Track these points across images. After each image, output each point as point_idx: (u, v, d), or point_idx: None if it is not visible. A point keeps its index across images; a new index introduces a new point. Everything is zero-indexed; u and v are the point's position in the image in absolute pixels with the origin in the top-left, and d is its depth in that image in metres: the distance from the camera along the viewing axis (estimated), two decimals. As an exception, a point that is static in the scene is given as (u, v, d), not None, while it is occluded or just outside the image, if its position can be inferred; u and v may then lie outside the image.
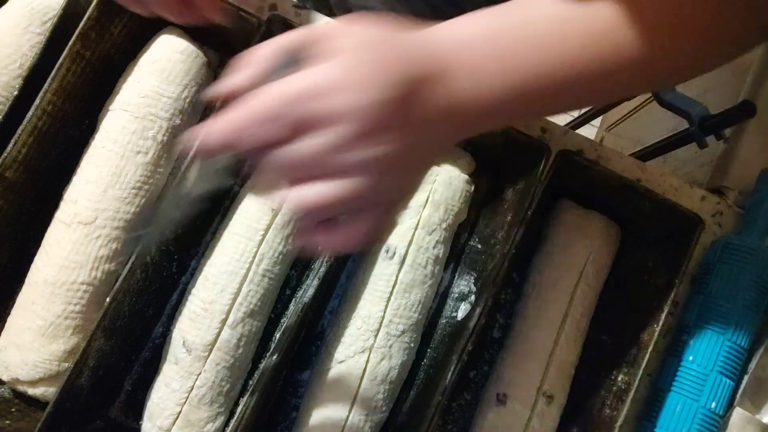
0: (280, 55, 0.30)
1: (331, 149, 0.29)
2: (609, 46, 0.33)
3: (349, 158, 0.29)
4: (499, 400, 0.50)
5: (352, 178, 0.30)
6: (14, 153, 0.48)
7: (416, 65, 0.31)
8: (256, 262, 0.49)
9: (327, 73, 0.29)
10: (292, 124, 0.29)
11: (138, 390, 0.52)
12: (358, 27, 0.31)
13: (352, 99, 0.28)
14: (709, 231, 0.58)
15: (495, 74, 0.32)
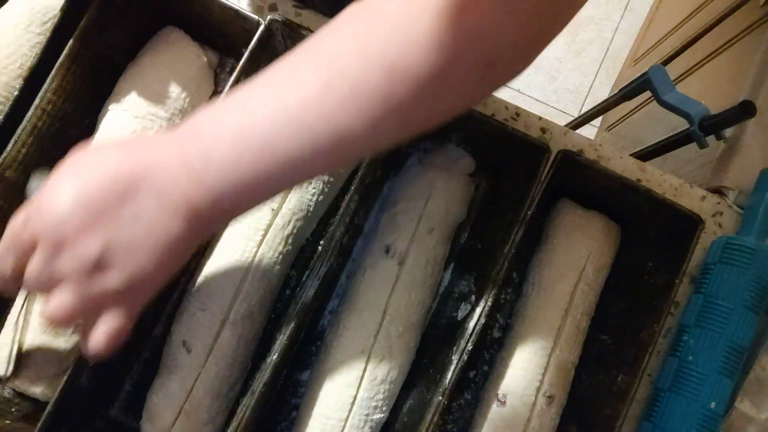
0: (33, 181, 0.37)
1: (34, 267, 0.33)
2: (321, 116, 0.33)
3: (59, 269, 0.33)
4: (499, 400, 0.50)
5: (64, 290, 0.33)
6: (14, 153, 0.48)
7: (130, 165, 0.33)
8: (256, 262, 0.49)
9: (39, 198, 0.33)
10: (23, 248, 0.34)
11: (138, 390, 0.52)
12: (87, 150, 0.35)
13: (46, 217, 0.32)
14: (709, 231, 0.58)
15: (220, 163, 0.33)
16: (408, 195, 0.53)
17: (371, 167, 0.48)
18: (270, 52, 0.52)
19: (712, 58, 1.02)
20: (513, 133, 0.50)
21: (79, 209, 0.32)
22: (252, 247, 0.49)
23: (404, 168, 0.56)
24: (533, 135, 0.54)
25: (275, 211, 0.50)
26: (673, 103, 0.72)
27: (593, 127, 1.54)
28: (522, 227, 0.48)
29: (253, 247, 0.49)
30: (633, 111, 1.27)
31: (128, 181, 0.33)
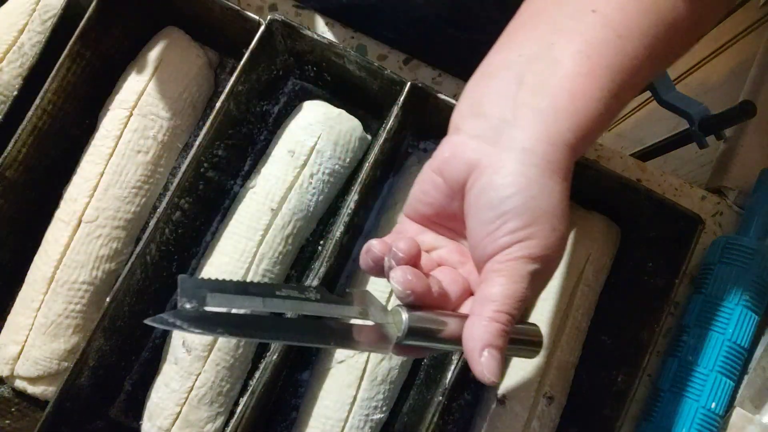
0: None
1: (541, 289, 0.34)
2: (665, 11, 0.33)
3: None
4: (499, 400, 0.50)
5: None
6: (14, 153, 0.48)
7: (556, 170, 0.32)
8: (256, 262, 0.49)
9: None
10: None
11: (138, 390, 0.52)
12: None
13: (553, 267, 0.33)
14: (709, 231, 0.58)
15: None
16: (408, 195, 0.53)
17: (371, 167, 0.48)
18: (270, 52, 0.52)
19: (712, 58, 1.02)
20: (513, 133, 0.50)
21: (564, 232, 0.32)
22: (252, 247, 0.49)
23: (404, 168, 0.56)
24: (533, 135, 0.54)
25: (275, 211, 0.50)
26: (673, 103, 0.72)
27: (593, 127, 1.54)
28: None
29: (252, 247, 0.49)
30: (633, 111, 1.27)
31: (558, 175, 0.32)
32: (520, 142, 0.32)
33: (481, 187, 0.33)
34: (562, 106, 0.32)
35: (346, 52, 0.49)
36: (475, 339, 0.31)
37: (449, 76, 0.58)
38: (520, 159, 0.32)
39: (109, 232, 0.50)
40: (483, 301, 0.31)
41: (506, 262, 0.32)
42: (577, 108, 0.33)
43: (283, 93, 0.57)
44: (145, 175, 0.51)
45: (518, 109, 0.33)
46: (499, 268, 0.32)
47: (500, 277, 0.31)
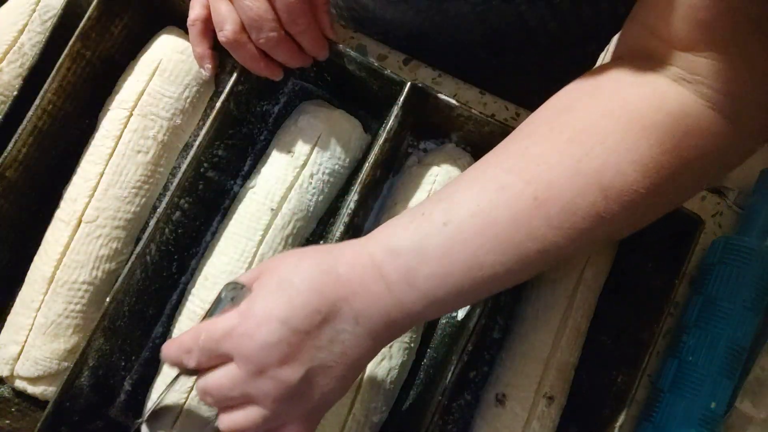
0: (228, 289, 0.37)
1: (229, 383, 0.34)
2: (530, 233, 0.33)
3: (252, 390, 0.34)
4: (498, 400, 0.50)
5: (259, 408, 0.34)
6: (14, 153, 0.48)
7: (330, 294, 0.34)
8: (256, 262, 0.49)
9: (241, 317, 0.34)
10: (215, 357, 0.35)
11: (138, 390, 0.52)
12: (285, 265, 0.35)
13: (249, 343, 0.33)
14: (709, 231, 0.58)
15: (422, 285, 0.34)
16: (408, 195, 0.53)
17: (371, 167, 0.48)
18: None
19: (712, 58, 1.01)
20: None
21: (285, 340, 0.33)
22: (252, 248, 0.49)
23: (404, 168, 0.56)
24: (533, 135, 0.54)
25: (275, 211, 0.50)
26: (673, 103, 0.72)
27: (593, 127, 1.54)
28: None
29: (252, 247, 0.49)
30: (633, 111, 1.27)
31: (329, 308, 0.34)
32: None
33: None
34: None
35: (346, 52, 0.49)
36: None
37: (449, 76, 0.58)
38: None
39: (109, 232, 0.50)
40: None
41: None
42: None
43: (283, 93, 0.57)
44: (145, 175, 0.51)
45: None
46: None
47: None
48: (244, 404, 0.35)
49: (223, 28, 0.44)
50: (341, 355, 0.34)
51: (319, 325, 0.33)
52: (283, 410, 0.35)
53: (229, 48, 0.45)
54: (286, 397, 0.34)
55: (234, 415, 0.35)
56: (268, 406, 0.34)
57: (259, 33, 0.43)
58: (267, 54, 0.46)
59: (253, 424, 0.35)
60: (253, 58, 0.46)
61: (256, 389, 0.34)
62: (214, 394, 0.35)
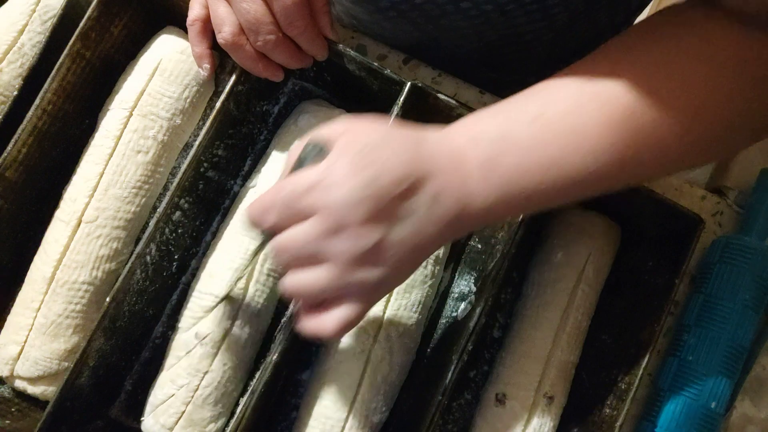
0: (311, 146, 0.35)
1: (305, 237, 0.33)
2: (627, 133, 0.34)
3: (326, 247, 0.33)
4: (498, 400, 0.50)
5: (328, 269, 0.34)
6: (14, 153, 0.48)
7: (417, 165, 0.33)
8: (261, 261, 0.49)
9: (327, 171, 0.33)
10: (296, 212, 0.34)
11: (138, 390, 0.52)
12: (372, 127, 0.35)
13: (334, 196, 0.32)
14: (709, 231, 0.58)
15: (501, 176, 0.34)
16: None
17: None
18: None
19: (712, 58, 1.01)
20: (513, 133, 0.50)
21: (369, 201, 0.32)
22: (254, 246, 0.49)
23: (404, 168, 0.56)
24: (533, 135, 0.54)
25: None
26: (673, 103, 0.72)
27: (593, 127, 1.54)
28: (522, 227, 0.48)
29: (255, 246, 0.49)
30: (633, 111, 1.27)
31: (412, 181, 0.33)
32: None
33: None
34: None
35: (346, 52, 0.49)
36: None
37: (449, 76, 0.58)
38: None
39: (109, 232, 0.50)
40: None
41: None
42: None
43: (283, 93, 0.57)
44: (145, 175, 0.51)
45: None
46: None
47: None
48: (314, 265, 0.34)
49: (221, 30, 0.44)
50: (413, 234, 0.34)
51: (400, 196, 0.33)
52: (349, 277, 0.34)
53: (228, 50, 0.46)
54: (357, 261, 0.33)
55: (300, 274, 0.35)
56: (337, 268, 0.34)
57: (257, 35, 0.43)
58: (266, 55, 0.46)
59: (317, 285, 0.34)
60: (252, 60, 0.46)
61: (331, 246, 0.33)
62: (288, 249, 0.34)
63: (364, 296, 0.35)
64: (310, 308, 0.36)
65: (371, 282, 0.34)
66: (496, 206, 0.35)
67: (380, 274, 0.34)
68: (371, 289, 0.35)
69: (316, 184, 0.33)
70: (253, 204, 0.36)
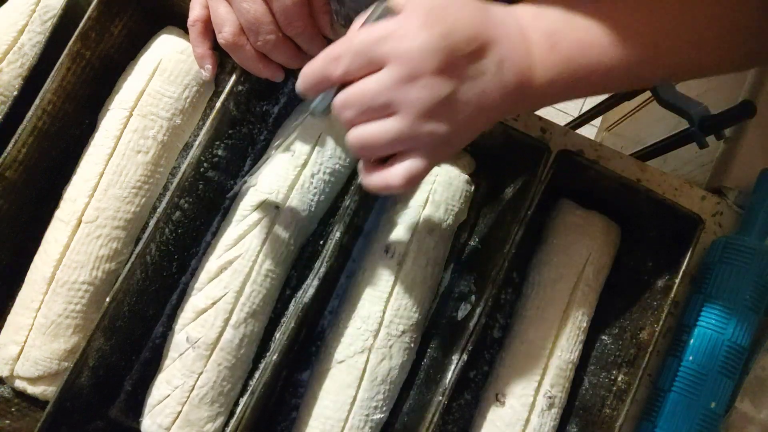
0: (380, 8, 0.35)
1: (377, 87, 0.34)
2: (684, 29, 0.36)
3: (399, 96, 0.33)
4: (498, 400, 0.50)
5: (399, 118, 0.34)
6: (14, 153, 0.48)
7: (485, 29, 0.34)
8: (259, 261, 0.49)
9: (400, 23, 0.33)
10: (369, 60, 0.34)
11: (138, 390, 0.52)
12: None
13: (409, 44, 0.33)
14: (709, 231, 0.58)
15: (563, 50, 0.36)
16: (408, 195, 0.53)
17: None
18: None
19: (712, 58, 1.01)
20: (513, 133, 0.50)
21: (443, 53, 0.33)
22: (256, 246, 0.49)
23: (404, 168, 0.56)
24: (533, 135, 0.54)
25: (278, 210, 0.50)
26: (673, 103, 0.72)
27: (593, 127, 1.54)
28: (522, 227, 0.48)
29: (256, 246, 0.49)
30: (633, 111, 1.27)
31: (481, 43, 0.34)
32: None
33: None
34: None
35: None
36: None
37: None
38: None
39: (109, 232, 0.50)
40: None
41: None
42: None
43: (283, 93, 0.57)
44: (145, 175, 0.51)
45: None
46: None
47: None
48: (384, 116, 0.35)
49: (222, 31, 0.44)
50: (479, 96, 0.35)
51: (471, 54, 0.34)
52: (420, 128, 0.34)
53: (229, 50, 0.46)
54: (428, 112, 0.34)
55: (369, 126, 0.35)
56: (408, 119, 0.34)
57: (257, 36, 0.43)
58: (266, 56, 0.46)
59: (388, 134, 0.34)
60: (252, 60, 0.46)
61: (403, 95, 0.33)
62: (357, 101, 0.35)
63: (431, 150, 0.36)
64: (374, 164, 0.37)
65: (439, 135, 0.35)
66: (557, 81, 0.36)
67: (448, 128, 0.35)
68: (438, 142, 0.35)
69: (390, 34, 0.33)
70: (312, 61, 0.36)
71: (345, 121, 0.36)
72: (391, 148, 0.35)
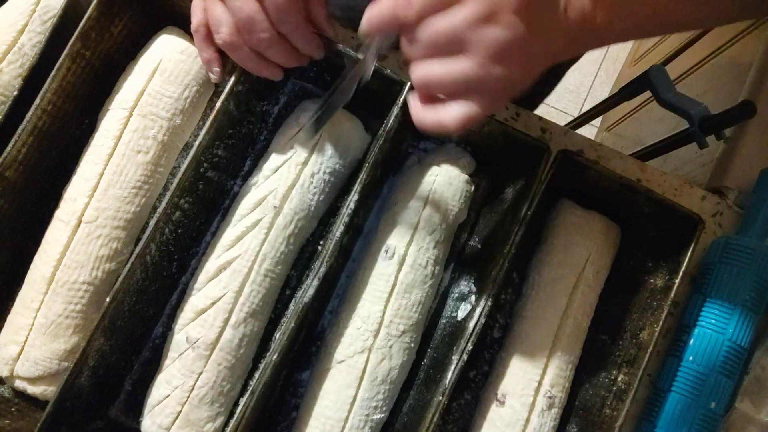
0: None
1: (451, 23, 0.33)
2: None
3: (475, 35, 0.33)
4: (498, 400, 0.50)
5: (471, 59, 0.33)
6: (14, 153, 0.48)
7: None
8: (258, 261, 0.49)
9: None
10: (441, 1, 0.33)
11: (138, 390, 0.52)
12: None
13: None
14: (709, 231, 0.58)
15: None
16: (408, 195, 0.53)
17: (371, 167, 0.48)
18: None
19: (712, 58, 1.02)
20: (513, 133, 0.50)
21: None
22: (255, 246, 0.49)
23: (404, 168, 0.56)
24: (533, 135, 0.54)
25: (277, 210, 0.50)
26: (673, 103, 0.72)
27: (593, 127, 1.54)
28: (522, 227, 0.48)
29: (256, 246, 0.49)
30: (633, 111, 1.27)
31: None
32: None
33: None
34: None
35: (346, 52, 0.49)
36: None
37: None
38: None
39: (109, 232, 0.50)
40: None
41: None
42: None
43: (283, 93, 0.57)
44: (145, 175, 0.51)
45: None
46: None
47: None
48: (454, 56, 0.34)
49: (219, 31, 0.44)
50: (546, 40, 0.35)
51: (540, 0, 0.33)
52: (490, 70, 0.34)
53: (227, 50, 0.46)
54: (502, 54, 0.33)
55: (436, 63, 0.34)
56: (480, 61, 0.33)
57: (252, 34, 0.43)
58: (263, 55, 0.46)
59: (455, 76, 0.34)
60: (250, 59, 0.46)
61: (478, 34, 0.33)
62: (429, 38, 0.34)
63: (493, 94, 0.35)
64: (429, 99, 0.36)
65: (508, 80, 0.34)
66: (616, 20, 0.36)
67: (516, 73, 0.34)
68: (505, 87, 0.35)
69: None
70: (379, 4, 0.35)
71: (411, 56, 0.35)
72: (456, 89, 0.35)
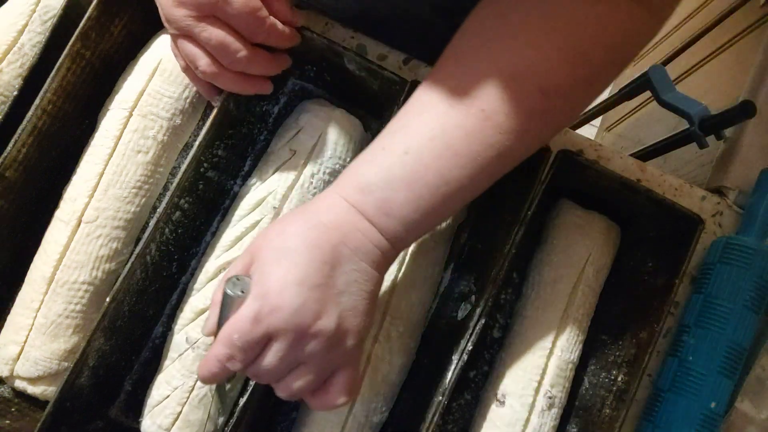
0: (230, 283, 0.36)
1: (278, 360, 0.36)
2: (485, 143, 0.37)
3: (300, 355, 0.36)
4: (498, 400, 0.50)
5: (312, 366, 0.36)
6: (14, 153, 0.48)
7: (327, 244, 0.36)
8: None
9: (260, 298, 0.35)
10: (255, 346, 0.36)
11: (138, 390, 0.52)
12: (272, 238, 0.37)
13: (282, 313, 0.34)
14: (709, 231, 0.58)
15: (399, 211, 0.37)
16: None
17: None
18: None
19: (712, 58, 1.02)
20: (513, 133, 0.50)
21: (310, 299, 0.35)
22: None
23: (404, 168, 0.56)
24: (533, 135, 0.54)
25: (277, 210, 0.50)
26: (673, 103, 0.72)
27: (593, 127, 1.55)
28: (522, 227, 0.48)
29: (253, 247, 0.49)
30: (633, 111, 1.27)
31: (332, 256, 0.36)
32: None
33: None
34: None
35: (345, 52, 0.49)
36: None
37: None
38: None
39: (109, 232, 0.50)
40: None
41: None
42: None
43: (283, 93, 0.57)
44: (145, 175, 0.51)
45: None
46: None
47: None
48: (294, 370, 0.37)
49: (197, 66, 0.44)
50: (359, 292, 0.37)
51: (330, 274, 0.35)
52: (330, 359, 0.37)
53: (211, 81, 0.46)
54: (330, 346, 0.36)
55: (289, 383, 0.37)
56: (317, 362, 0.36)
57: (229, 57, 0.44)
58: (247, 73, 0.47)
59: (309, 383, 0.37)
60: (235, 82, 0.46)
61: (304, 352, 0.36)
62: (270, 376, 0.37)
63: (351, 359, 0.38)
64: (311, 392, 0.39)
65: (348, 351, 0.37)
66: (408, 232, 0.38)
67: (353, 341, 0.37)
68: (351, 355, 0.38)
69: (257, 314, 0.35)
70: (206, 365, 0.37)
71: (265, 383, 0.38)
72: (317, 386, 0.38)
